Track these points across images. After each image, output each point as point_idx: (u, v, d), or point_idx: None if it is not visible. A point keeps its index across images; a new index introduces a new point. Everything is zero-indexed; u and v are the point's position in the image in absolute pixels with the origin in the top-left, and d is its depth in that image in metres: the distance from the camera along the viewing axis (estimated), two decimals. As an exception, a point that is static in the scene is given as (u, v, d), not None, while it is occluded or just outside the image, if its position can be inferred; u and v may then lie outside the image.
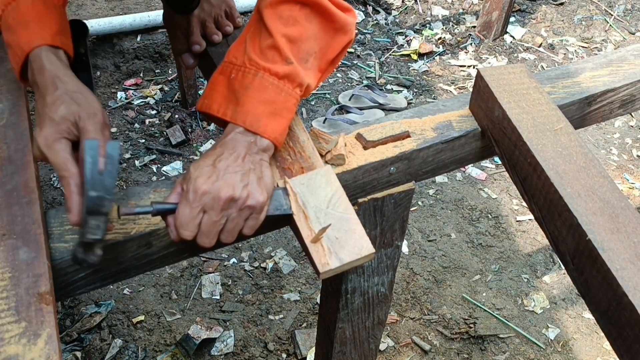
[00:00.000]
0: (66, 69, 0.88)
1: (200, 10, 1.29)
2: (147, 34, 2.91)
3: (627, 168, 2.67)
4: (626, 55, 1.27)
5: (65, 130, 0.81)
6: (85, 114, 0.82)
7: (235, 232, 0.84)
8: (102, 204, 0.75)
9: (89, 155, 0.75)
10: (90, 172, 0.74)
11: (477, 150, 1.12)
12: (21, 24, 0.88)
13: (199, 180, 0.81)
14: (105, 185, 0.75)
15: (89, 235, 0.76)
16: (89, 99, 0.84)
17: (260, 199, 0.83)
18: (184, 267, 2.09)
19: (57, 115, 0.81)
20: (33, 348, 0.70)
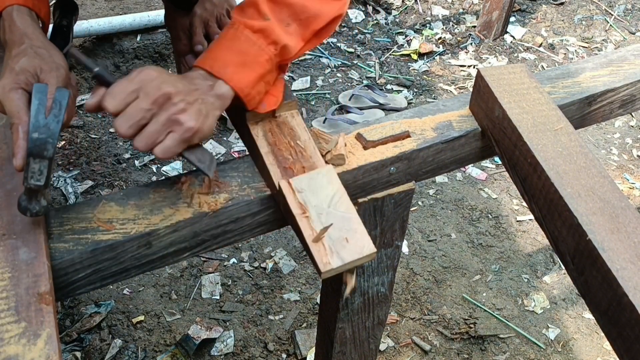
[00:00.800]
0: (36, 28, 0.88)
1: (202, 10, 1.29)
2: (147, 33, 2.91)
3: (627, 168, 2.67)
4: (626, 55, 1.27)
5: (24, 80, 0.80)
6: (47, 67, 0.82)
7: (151, 140, 0.80)
8: (44, 147, 0.73)
9: (36, 98, 0.74)
10: (35, 114, 0.74)
11: (477, 150, 1.12)
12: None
13: (150, 68, 0.81)
14: (50, 129, 0.74)
15: (32, 180, 0.75)
16: (53, 54, 0.84)
17: (190, 122, 0.81)
18: (184, 267, 2.09)
19: (18, 66, 0.81)
20: (33, 348, 0.70)
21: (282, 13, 0.91)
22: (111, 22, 2.77)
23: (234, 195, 0.92)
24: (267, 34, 0.89)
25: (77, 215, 0.86)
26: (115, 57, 2.86)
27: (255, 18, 0.89)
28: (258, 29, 0.88)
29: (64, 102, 0.75)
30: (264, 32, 0.89)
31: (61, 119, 0.75)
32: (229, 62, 0.87)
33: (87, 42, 2.81)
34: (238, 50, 0.88)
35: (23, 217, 0.82)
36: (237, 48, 0.88)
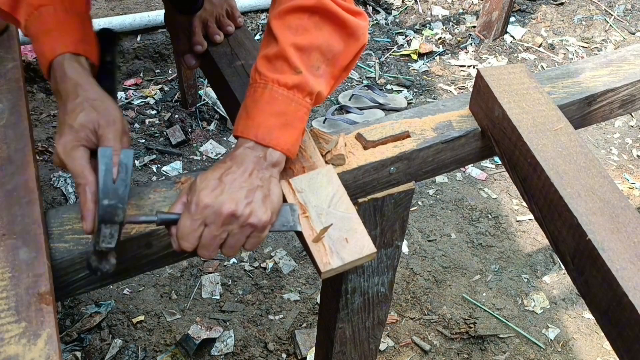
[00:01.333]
0: (88, 77, 0.87)
1: (202, 10, 1.29)
2: (147, 34, 2.91)
3: (627, 168, 2.67)
4: (626, 55, 1.27)
5: (84, 137, 0.80)
6: (105, 122, 0.82)
7: (237, 248, 0.83)
8: (115, 212, 0.74)
9: (102, 163, 0.75)
10: (104, 181, 0.74)
11: (477, 150, 1.12)
12: (43, 32, 0.88)
13: (202, 193, 0.80)
14: (119, 194, 0.74)
15: (102, 244, 0.76)
16: (108, 107, 0.84)
17: (262, 217, 0.82)
18: (184, 267, 2.09)
19: (76, 122, 0.80)
20: (33, 348, 0.70)
21: (312, 59, 0.88)
22: (111, 22, 2.77)
23: (234, 195, 0.92)
24: (302, 88, 0.87)
25: (77, 215, 0.86)
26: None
27: (287, 72, 0.86)
28: (292, 85, 0.86)
29: (129, 164, 0.76)
30: (299, 87, 0.87)
31: (128, 183, 0.75)
32: (272, 126, 0.86)
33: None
34: (278, 112, 0.86)
35: (23, 217, 0.82)
36: (276, 110, 0.86)
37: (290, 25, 0.87)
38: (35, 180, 0.88)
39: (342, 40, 0.91)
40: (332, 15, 0.89)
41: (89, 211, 0.77)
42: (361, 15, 0.93)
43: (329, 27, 0.89)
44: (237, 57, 1.25)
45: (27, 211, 0.83)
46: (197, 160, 2.51)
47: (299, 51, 0.87)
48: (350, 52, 0.93)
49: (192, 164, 2.49)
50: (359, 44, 0.93)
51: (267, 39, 0.89)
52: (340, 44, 0.91)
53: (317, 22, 0.88)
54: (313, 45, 0.88)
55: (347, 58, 0.93)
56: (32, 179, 0.88)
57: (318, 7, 0.88)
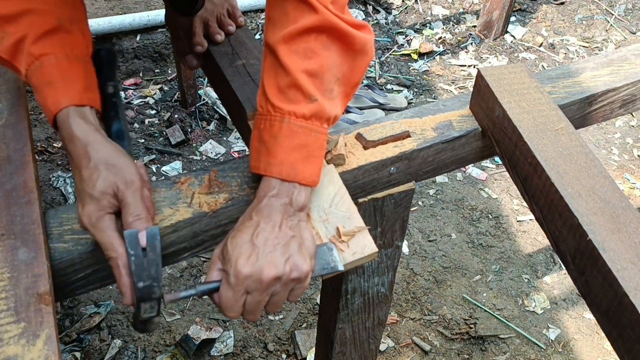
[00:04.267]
0: (95, 133, 0.84)
1: (203, 10, 1.29)
2: (147, 33, 2.91)
3: (628, 168, 2.67)
4: (627, 54, 1.26)
5: (107, 205, 0.79)
6: (123, 184, 0.80)
7: (281, 303, 0.82)
8: (152, 291, 0.75)
9: (130, 247, 0.75)
10: (135, 265, 0.74)
11: (477, 150, 1.12)
12: (45, 83, 0.85)
13: (239, 263, 0.78)
14: (152, 274, 0.75)
15: (144, 315, 0.77)
16: (123, 166, 0.81)
17: (304, 269, 0.80)
18: (184, 267, 2.09)
19: (96, 190, 0.79)
20: (32, 349, 0.69)
21: (324, 83, 0.85)
22: (111, 22, 2.77)
23: (234, 196, 0.92)
24: (320, 115, 0.84)
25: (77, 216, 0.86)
26: (115, 57, 2.86)
27: (302, 102, 0.83)
28: (310, 115, 0.83)
29: (157, 242, 0.75)
30: (316, 115, 0.84)
31: (159, 261, 0.75)
32: (295, 161, 0.83)
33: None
34: (299, 145, 0.83)
35: (22, 217, 0.82)
36: (297, 143, 0.83)
37: (298, 50, 0.83)
38: (34, 180, 0.88)
39: (351, 57, 0.88)
40: (338, 33, 0.85)
41: (125, 287, 0.76)
42: (366, 29, 0.90)
43: (337, 47, 0.86)
44: (238, 56, 1.25)
45: (26, 211, 0.83)
46: (196, 160, 2.50)
47: (311, 77, 0.83)
48: (360, 68, 0.90)
49: (191, 163, 2.49)
50: (367, 58, 0.90)
51: (274, 66, 0.85)
52: (349, 62, 0.88)
53: (324, 43, 0.85)
54: (324, 67, 0.84)
55: (357, 75, 0.90)
56: (31, 179, 0.87)
57: (324, 27, 0.84)
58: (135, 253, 0.75)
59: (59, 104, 0.84)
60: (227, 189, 0.93)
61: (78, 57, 0.88)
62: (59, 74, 0.85)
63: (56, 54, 0.85)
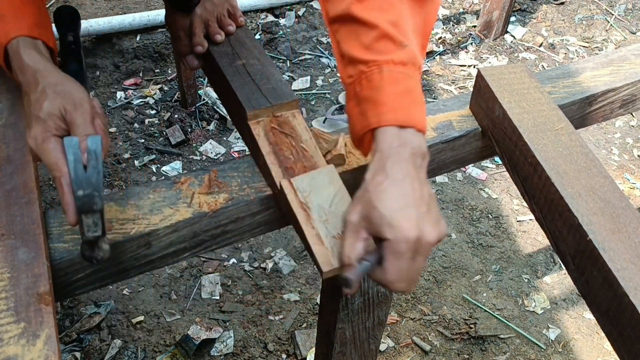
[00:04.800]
0: (46, 62, 0.85)
1: (202, 10, 1.28)
2: (147, 33, 2.90)
3: (628, 168, 2.67)
4: (627, 54, 1.26)
5: (53, 126, 0.79)
6: (71, 106, 0.79)
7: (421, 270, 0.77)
8: (92, 201, 0.73)
9: (70, 153, 0.73)
10: (74, 171, 0.73)
11: (477, 150, 1.12)
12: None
13: (405, 227, 0.72)
14: (92, 183, 0.73)
15: (88, 233, 0.75)
16: (72, 89, 0.82)
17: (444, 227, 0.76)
18: (184, 267, 2.09)
19: (43, 112, 0.79)
20: (32, 349, 0.69)
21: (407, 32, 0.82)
22: (110, 22, 2.77)
23: (234, 196, 0.92)
24: (414, 61, 0.82)
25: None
26: (115, 57, 2.86)
27: (395, 50, 0.81)
28: (407, 60, 0.81)
29: (98, 150, 0.74)
30: (411, 61, 0.82)
31: (100, 169, 0.74)
32: (407, 106, 0.79)
33: (86, 42, 2.81)
34: (405, 90, 0.80)
35: (22, 217, 0.82)
36: (402, 89, 0.80)
37: (374, 6, 0.81)
38: (34, 180, 0.88)
39: (421, 7, 0.86)
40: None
41: (69, 204, 0.75)
42: None
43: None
44: (238, 56, 1.25)
45: (26, 211, 0.83)
46: (196, 160, 2.50)
47: (395, 27, 0.81)
48: (430, 15, 0.88)
49: (191, 164, 2.48)
50: (436, 5, 0.88)
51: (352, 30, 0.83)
52: (421, 12, 0.86)
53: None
54: (403, 18, 0.83)
55: (429, 23, 0.88)
56: (31, 179, 0.87)
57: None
58: (75, 159, 0.73)
59: (8, 35, 0.85)
60: (227, 189, 0.93)
61: None
62: (10, 7, 0.86)
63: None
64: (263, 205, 0.95)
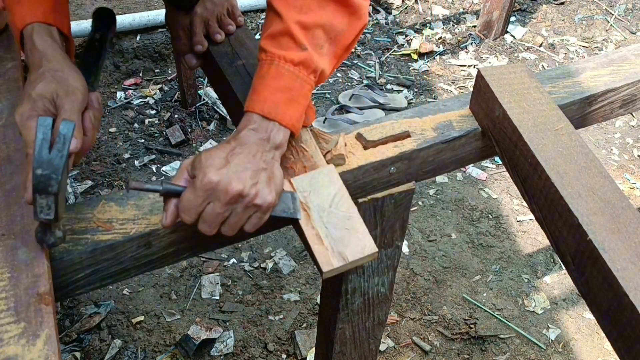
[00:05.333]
0: (56, 48, 0.87)
1: (203, 10, 1.29)
2: (147, 33, 2.90)
3: (628, 168, 2.67)
4: (627, 54, 1.26)
5: (41, 107, 0.80)
6: (63, 92, 0.81)
7: (237, 227, 0.83)
8: (49, 182, 0.72)
9: (40, 132, 0.73)
10: (39, 150, 0.72)
11: (477, 150, 1.12)
12: (16, 2, 0.88)
13: (210, 170, 0.79)
14: (53, 164, 0.72)
15: (41, 215, 0.74)
16: (70, 77, 0.83)
17: (268, 198, 0.82)
18: (184, 267, 2.09)
19: (35, 92, 0.80)
20: (32, 349, 0.69)
21: (316, 37, 0.89)
22: (111, 22, 2.77)
23: (234, 195, 0.92)
24: (308, 65, 0.88)
25: (77, 216, 0.86)
26: (115, 57, 2.86)
27: (293, 49, 0.87)
28: (299, 61, 0.87)
29: (68, 135, 0.74)
30: (304, 63, 0.88)
31: (65, 154, 0.73)
32: (278, 101, 0.87)
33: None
34: (284, 87, 0.87)
35: (22, 217, 0.82)
36: (282, 85, 0.87)
37: (295, 4, 0.88)
38: (34, 180, 0.87)
39: (345, 19, 0.91)
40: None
41: (29, 181, 0.75)
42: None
43: (332, 6, 0.90)
44: (238, 56, 1.25)
45: (26, 211, 0.83)
46: (197, 160, 2.50)
47: (304, 29, 0.87)
48: (352, 31, 0.94)
49: (192, 164, 2.48)
50: (360, 23, 0.94)
51: (270, 17, 0.90)
52: (343, 23, 0.91)
53: (320, 1, 0.89)
54: (317, 23, 0.88)
55: (349, 37, 0.94)
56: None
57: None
58: (43, 138, 0.73)
59: (24, 20, 0.87)
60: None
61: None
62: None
63: None
64: (263, 205, 0.94)
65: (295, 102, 0.88)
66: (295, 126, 0.89)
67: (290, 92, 0.88)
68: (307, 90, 0.90)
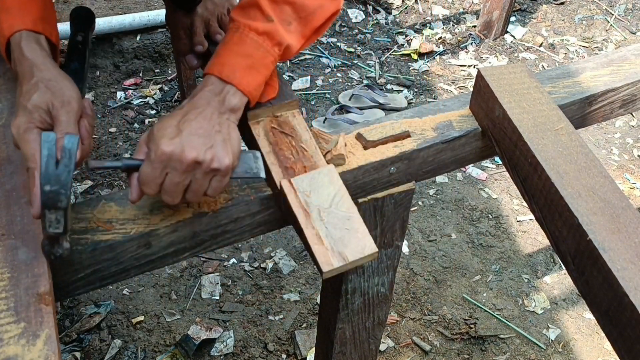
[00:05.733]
0: (45, 57, 0.87)
1: (203, 9, 1.29)
2: (147, 33, 2.90)
3: (628, 168, 2.67)
4: (627, 54, 1.26)
5: (38, 119, 0.80)
6: (59, 102, 0.81)
7: (200, 193, 0.83)
8: (57, 198, 0.73)
9: (45, 148, 0.73)
10: (45, 166, 0.73)
11: (477, 150, 1.12)
12: (3, 9, 0.88)
13: (162, 141, 0.79)
14: (61, 180, 0.73)
15: (50, 229, 0.75)
16: (64, 86, 0.83)
17: (225, 161, 0.82)
18: (184, 267, 2.09)
19: (30, 103, 0.80)
20: (32, 349, 0.69)
21: (284, 13, 0.91)
22: (111, 22, 2.77)
23: (234, 196, 0.92)
24: (272, 36, 0.89)
25: (77, 215, 0.86)
26: (115, 57, 2.86)
27: (259, 19, 0.89)
28: (263, 31, 0.89)
29: (73, 149, 0.74)
30: (268, 34, 0.89)
31: (72, 168, 0.74)
32: (237, 66, 0.88)
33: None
34: (245, 53, 0.88)
35: (22, 217, 0.82)
36: (243, 51, 0.88)
37: None
38: (34, 180, 0.87)
39: (317, 1, 0.93)
40: None
41: (36, 196, 0.75)
42: None
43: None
44: (237, 56, 1.25)
45: (26, 211, 0.83)
46: (197, 160, 2.50)
47: (272, 2, 0.89)
48: (324, 13, 0.95)
49: (192, 164, 2.48)
50: (333, 6, 0.95)
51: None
52: (314, 4, 0.93)
53: None
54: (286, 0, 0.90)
55: (320, 19, 0.95)
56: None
57: None
58: (49, 154, 0.73)
59: (12, 28, 0.87)
60: (227, 189, 0.93)
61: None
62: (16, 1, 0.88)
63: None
64: (263, 205, 0.95)
65: (255, 70, 0.89)
66: (252, 94, 0.90)
67: (251, 58, 0.88)
68: (270, 62, 0.91)
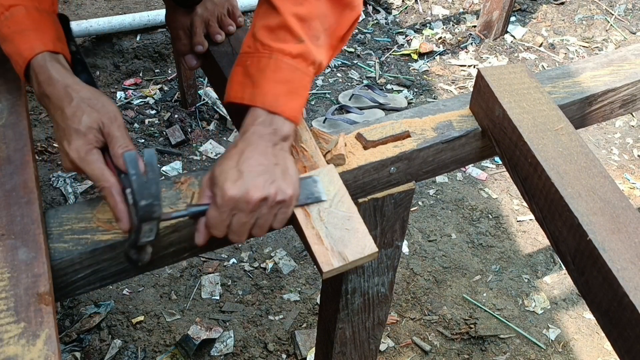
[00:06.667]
0: (72, 76, 0.89)
1: (203, 10, 1.29)
2: (147, 33, 2.90)
3: (628, 168, 2.67)
4: (627, 54, 1.26)
5: (93, 139, 0.83)
6: (107, 119, 0.84)
7: (266, 227, 0.86)
8: (152, 210, 0.77)
9: (131, 167, 0.77)
10: (137, 184, 0.77)
11: (477, 150, 1.12)
12: (18, 32, 0.88)
13: (226, 185, 0.81)
14: (152, 192, 0.77)
15: (143, 239, 0.79)
16: (105, 103, 0.86)
17: (288, 192, 0.84)
18: (184, 267, 2.09)
19: (82, 125, 0.82)
20: (32, 349, 0.69)
21: (312, 29, 0.90)
22: (111, 22, 2.77)
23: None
24: (306, 57, 0.89)
25: (77, 216, 0.86)
26: (115, 57, 2.86)
27: (290, 41, 0.88)
28: (297, 54, 0.88)
29: (154, 162, 0.78)
30: (302, 55, 0.89)
31: (158, 179, 0.78)
32: (279, 94, 0.88)
33: (86, 42, 2.81)
34: (284, 79, 0.88)
35: (22, 217, 0.82)
36: (282, 78, 0.88)
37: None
38: (34, 180, 0.87)
39: (339, 10, 0.93)
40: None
41: (122, 212, 0.80)
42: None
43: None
44: (238, 56, 1.25)
45: (26, 211, 0.83)
46: (196, 160, 2.50)
47: (300, 21, 0.88)
48: (346, 22, 0.95)
49: (191, 163, 2.49)
50: (354, 13, 0.95)
51: (265, 9, 0.90)
52: (337, 14, 0.93)
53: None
54: (313, 15, 0.89)
55: (343, 28, 0.95)
56: (31, 179, 0.87)
57: None
58: (137, 172, 0.77)
59: (33, 50, 0.87)
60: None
61: (47, 10, 0.92)
62: (31, 23, 0.89)
63: (25, 5, 0.89)
64: (263, 205, 0.94)
65: (296, 94, 0.89)
66: (297, 118, 0.90)
67: (291, 83, 0.89)
68: (307, 82, 0.91)
